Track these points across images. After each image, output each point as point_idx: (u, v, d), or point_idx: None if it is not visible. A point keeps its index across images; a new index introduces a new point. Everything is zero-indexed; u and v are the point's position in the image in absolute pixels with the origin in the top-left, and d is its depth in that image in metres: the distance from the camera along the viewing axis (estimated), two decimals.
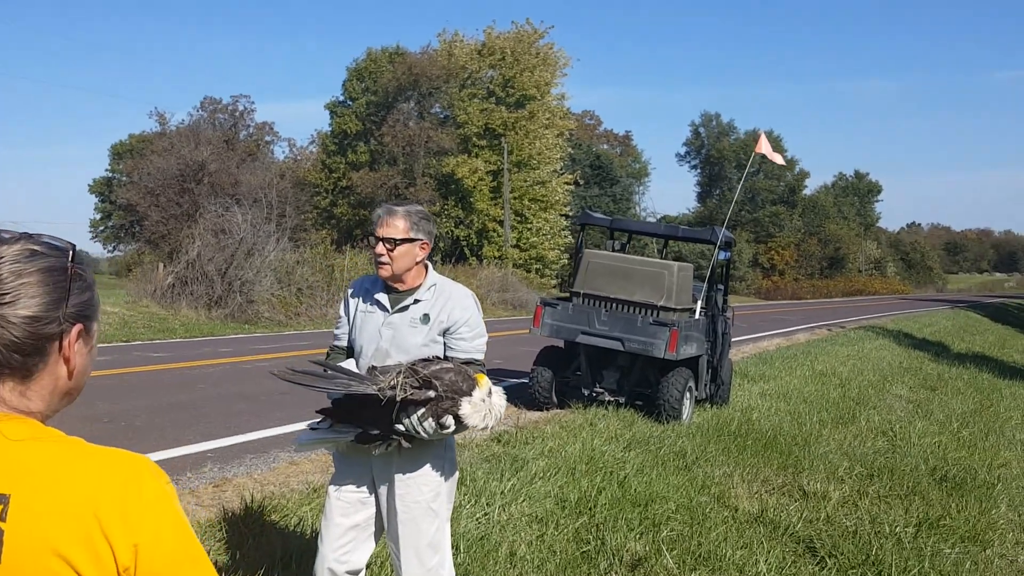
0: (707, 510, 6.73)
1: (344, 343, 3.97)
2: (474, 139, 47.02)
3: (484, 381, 3.41)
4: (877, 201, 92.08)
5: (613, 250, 11.58)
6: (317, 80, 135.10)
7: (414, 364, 3.44)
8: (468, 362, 3.69)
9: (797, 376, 15.23)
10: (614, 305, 10.63)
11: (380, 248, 3.68)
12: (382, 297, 3.80)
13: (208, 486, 6.65)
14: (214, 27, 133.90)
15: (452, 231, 46.57)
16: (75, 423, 8.34)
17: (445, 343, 3.79)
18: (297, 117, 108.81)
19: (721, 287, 12.06)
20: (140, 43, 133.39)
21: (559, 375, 11.02)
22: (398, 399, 3.25)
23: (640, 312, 10.47)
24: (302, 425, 4.66)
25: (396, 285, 3.78)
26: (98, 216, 69.06)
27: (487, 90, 48.66)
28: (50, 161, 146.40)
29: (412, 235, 3.68)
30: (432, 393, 3.27)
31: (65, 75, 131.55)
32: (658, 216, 63.13)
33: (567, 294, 11.36)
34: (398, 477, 3.62)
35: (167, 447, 7.62)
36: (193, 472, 6.91)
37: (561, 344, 11.29)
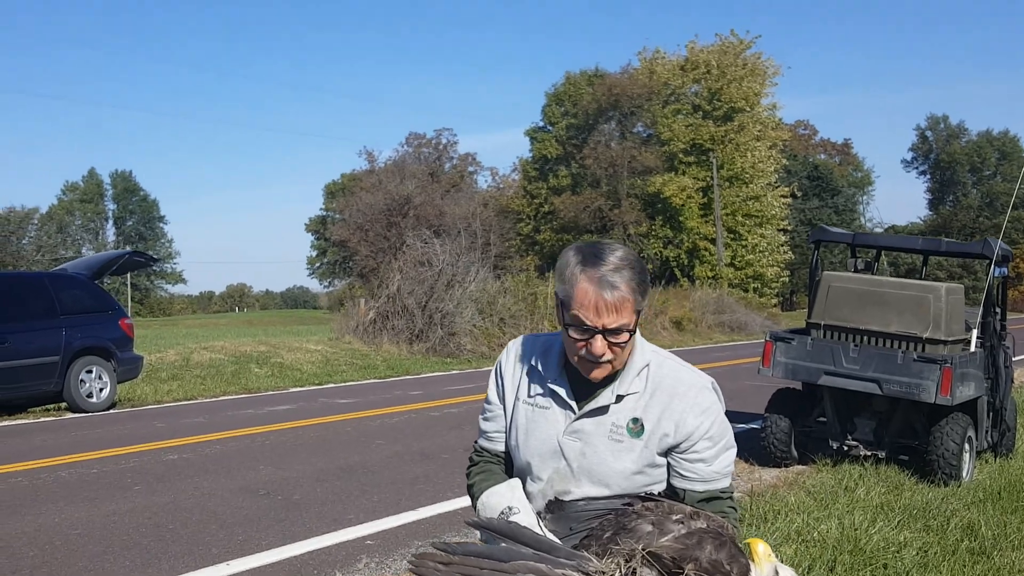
0: None
1: (499, 447, 2.46)
2: (680, 156, 45.40)
3: (762, 554, 2.00)
4: None
5: (856, 270, 9.59)
6: (517, 108, 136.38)
7: (641, 524, 2.01)
8: (709, 498, 2.23)
9: None
10: (865, 338, 8.70)
11: (599, 346, 2.13)
12: (561, 388, 2.27)
13: None
14: (417, 64, 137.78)
15: (661, 252, 44.99)
16: (231, 495, 7.26)
17: (669, 464, 2.27)
18: (499, 146, 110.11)
19: (997, 310, 9.76)
20: (351, 85, 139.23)
21: (798, 424, 9.18)
22: None
23: (900, 346, 8.48)
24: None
25: None
26: (314, 253, 71.99)
27: (692, 105, 47.00)
28: (273, 201, 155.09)
29: (640, 307, 2.15)
30: None
31: (287, 120, 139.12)
32: (884, 227, 58.98)
33: (803, 325, 9.46)
34: None
35: (322, 531, 6.31)
36: (344, 570, 5.53)
37: (799, 386, 9.38)
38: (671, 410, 2.21)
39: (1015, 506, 7.43)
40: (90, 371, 12.03)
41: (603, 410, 2.23)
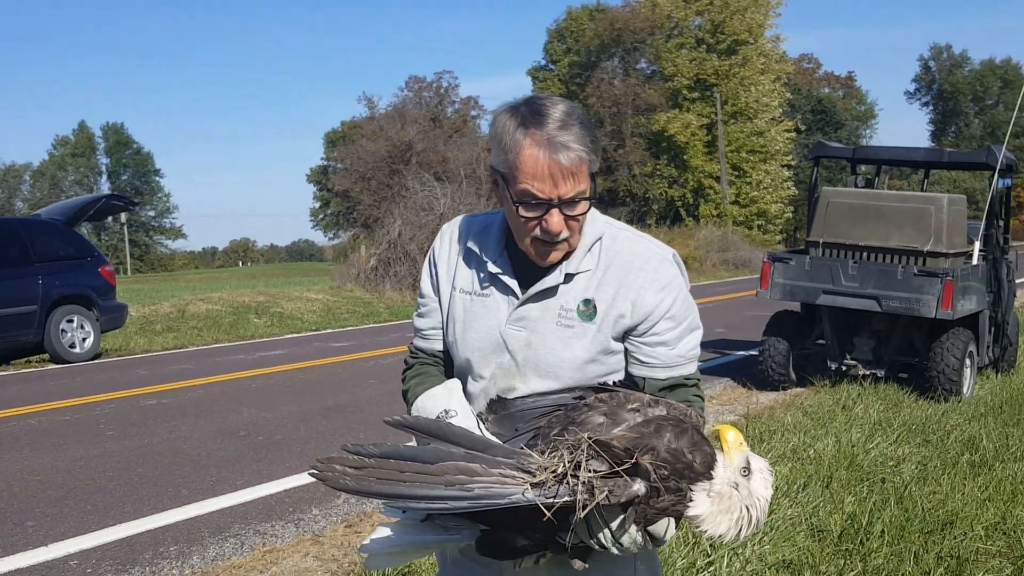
0: None
1: (436, 346, 2.13)
2: (684, 92, 44.75)
3: (732, 442, 1.70)
4: None
5: (857, 186, 9.31)
6: (520, 49, 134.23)
7: (593, 417, 1.76)
8: (672, 385, 1.93)
9: None
10: (864, 255, 8.43)
11: (557, 222, 1.81)
12: (502, 271, 1.96)
13: (339, 526, 5.06)
14: (416, 4, 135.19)
15: (666, 191, 44.51)
16: (208, 438, 7.05)
17: (627, 350, 1.95)
18: (502, 89, 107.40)
19: (1001, 223, 9.49)
20: (348, 29, 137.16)
21: (797, 346, 8.98)
22: (581, 512, 1.55)
23: (900, 261, 8.20)
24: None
25: None
26: (317, 205, 71.14)
27: (696, 39, 46.08)
28: (274, 153, 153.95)
29: (594, 169, 1.84)
30: (641, 487, 1.58)
31: (284, 65, 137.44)
32: None
33: (802, 246, 9.18)
34: None
35: (301, 469, 6.06)
36: (322, 507, 5.31)
37: (797, 308, 9.14)
38: (627, 287, 1.90)
39: (1017, 419, 7.31)
40: (71, 320, 11.67)
41: (550, 292, 1.91)
